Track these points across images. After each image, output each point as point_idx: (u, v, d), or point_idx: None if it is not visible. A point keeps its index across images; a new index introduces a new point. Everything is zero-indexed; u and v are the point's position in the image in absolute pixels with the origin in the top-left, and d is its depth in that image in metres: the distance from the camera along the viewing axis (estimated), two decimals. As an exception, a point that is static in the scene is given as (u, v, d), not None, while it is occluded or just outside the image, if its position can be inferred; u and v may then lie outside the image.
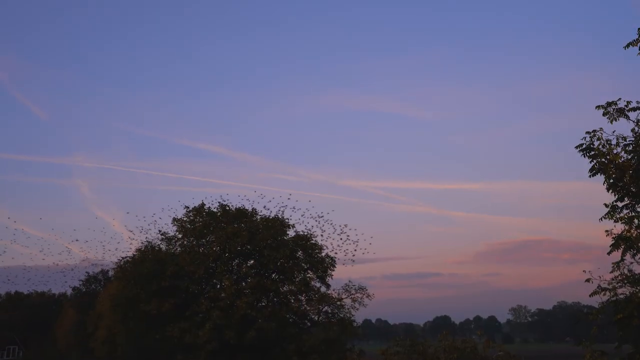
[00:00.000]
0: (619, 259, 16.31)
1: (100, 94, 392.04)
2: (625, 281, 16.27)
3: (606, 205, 16.54)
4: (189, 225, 44.06)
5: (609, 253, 16.38)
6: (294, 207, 45.14)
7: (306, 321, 43.01)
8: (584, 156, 16.53)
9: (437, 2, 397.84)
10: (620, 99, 15.94)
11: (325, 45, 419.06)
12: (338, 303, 42.39)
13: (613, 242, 16.19)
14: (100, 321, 54.34)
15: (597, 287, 16.61)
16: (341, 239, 44.53)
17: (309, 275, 43.22)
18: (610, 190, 16.30)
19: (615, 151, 16.09)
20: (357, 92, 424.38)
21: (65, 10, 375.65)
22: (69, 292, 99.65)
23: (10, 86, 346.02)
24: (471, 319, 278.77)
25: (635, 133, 15.95)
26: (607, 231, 16.63)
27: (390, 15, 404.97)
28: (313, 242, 43.54)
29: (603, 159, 16.13)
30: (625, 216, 16.15)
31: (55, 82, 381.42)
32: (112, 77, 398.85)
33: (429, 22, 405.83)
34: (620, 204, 16.32)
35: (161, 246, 45.24)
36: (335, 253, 44.09)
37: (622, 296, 16.21)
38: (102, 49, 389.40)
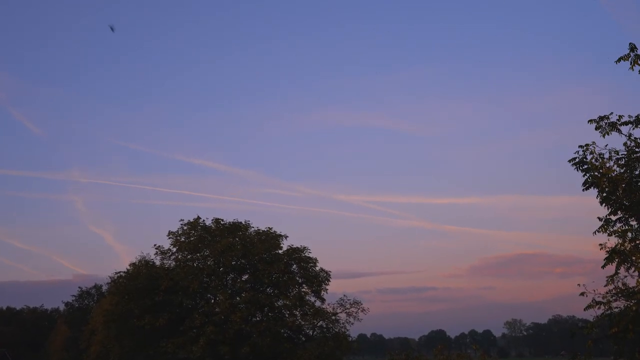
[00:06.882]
0: (613, 272, 16.33)
1: (95, 110, 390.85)
2: (620, 295, 16.26)
3: (600, 219, 16.63)
4: (183, 239, 43.91)
5: (603, 266, 16.39)
6: None
7: (301, 336, 42.75)
8: (577, 170, 16.65)
9: (430, 17, 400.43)
10: (612, 113, 16.09)
11: (320, 61, 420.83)
12: (333, 317, 42.17)
13: (607, 255, 16.21)
14: (94, 337, 53.79)
15: (592, 300, 16.56)
16: None
17: (303, 289, 43.05)
18: (604, 204, 16.40)
19: (608, 165, 16.20)
20: (351, 108, 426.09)
21: (61, 28, 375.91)
22: (62, 307, 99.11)
23: (7, 102, 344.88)
24: (466, 333, 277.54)
25: (628, 147, 16.07)
26: (600, 245, 16.67)
27: (383, 31, 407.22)
28: (306, 254, 43.54)
29: (596, 173, 16.23)
30: (619, 229, 16.23)
31: (51, 98, 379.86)
32: (107, 93, 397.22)
33: (421, 38, 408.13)
34: (613, 218, 16.42)
35: (155, 260, 45.04)
36: None
37: (616, 310, 16.18)
38: (98, 65, 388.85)
